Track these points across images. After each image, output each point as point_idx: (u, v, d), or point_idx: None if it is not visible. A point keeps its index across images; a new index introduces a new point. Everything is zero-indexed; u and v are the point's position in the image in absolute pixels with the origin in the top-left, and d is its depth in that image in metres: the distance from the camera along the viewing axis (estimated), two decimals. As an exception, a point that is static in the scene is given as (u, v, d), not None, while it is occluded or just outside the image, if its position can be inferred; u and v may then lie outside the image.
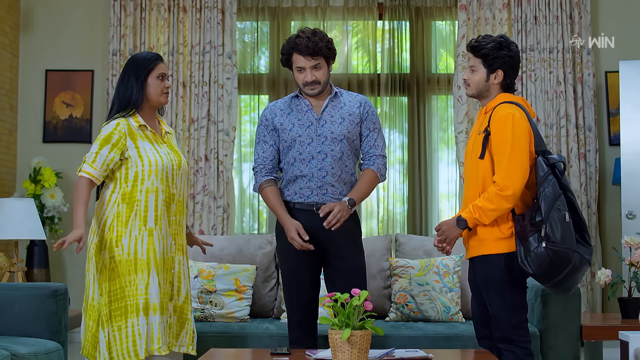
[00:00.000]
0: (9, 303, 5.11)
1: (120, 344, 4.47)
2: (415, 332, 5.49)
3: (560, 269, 4.34)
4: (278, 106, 5.07)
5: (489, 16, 7.88)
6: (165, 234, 4.65)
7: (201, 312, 5.77)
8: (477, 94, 4.66)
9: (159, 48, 7.88)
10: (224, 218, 7.76)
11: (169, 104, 7.78)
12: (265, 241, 6.18)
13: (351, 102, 5.03)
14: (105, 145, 4.56)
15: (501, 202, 4.39)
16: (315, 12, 8.15)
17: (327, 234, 4.87)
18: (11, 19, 7.87)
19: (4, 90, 7.73)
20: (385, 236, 6.26)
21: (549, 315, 5.40)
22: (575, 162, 7.73)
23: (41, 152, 7.83)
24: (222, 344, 5.44)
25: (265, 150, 5.02)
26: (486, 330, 4.69)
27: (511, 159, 4.39)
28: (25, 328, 5.08)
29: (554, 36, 7.81)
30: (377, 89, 8.09)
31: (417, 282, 5.80)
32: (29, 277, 7.45)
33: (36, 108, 8.01)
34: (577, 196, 7.67)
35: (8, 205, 6.38)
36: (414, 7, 8.10)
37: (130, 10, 7.92)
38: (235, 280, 5.86)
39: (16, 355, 4.52)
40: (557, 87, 7.80)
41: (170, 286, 4.66)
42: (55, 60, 8.04)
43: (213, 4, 7.89)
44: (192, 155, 7.79)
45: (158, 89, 4.73)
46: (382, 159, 5.03)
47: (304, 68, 4.90)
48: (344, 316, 3.96)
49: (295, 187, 4.94)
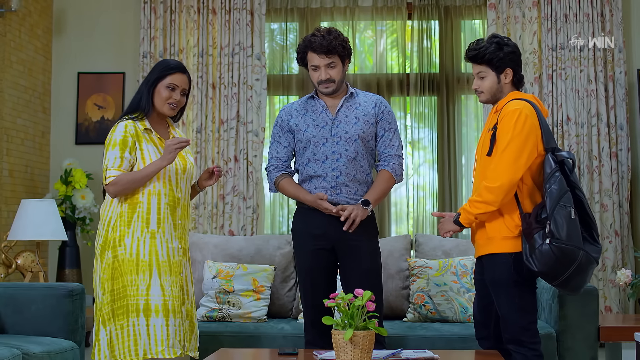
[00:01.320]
0: (26, 303, 5.19)
1: (122, 342, 4.49)
2: (431, 333, 5.47)
3: (565, 267, 4.27)
4: (294, 107, 5.09)
5: (518, 14, 7.82)
6: (169, 238, 4.66)
7: (219, 312, 5.80)
8: (491, 98, 4.62)
9: (189, 50, 7.94)
10: (253, 218, 7.78)
11: (198, 105, 7.83)
12: (284, 241, 6.19)
13: (366, 102, 5.03)
14: (126, 149, 4.60)
15: (486, 194, 4.37)
16: (344, 13, 8.15)
17: (343, 235, 4.87)
18: (44, 23, 7.98)
19: (37, 93, 7.84)
20: (405, 236, 6.24)
21: (566, 316, 5.35)
22: (607, 161, 7.63)
23: (73, 154, 7.91)
24: (236, 344, 5.46)
25: (279, 152, 5.05)
26: (486, 330, 4.66)
27: (504, 153, 4.36)
28: (42, 327, 5.15)
29: (584, 34, 7.72)
30: (407, 89, 8.07)
31: (435, 282, 5.77)
32: (60, 277, 7.55)
33: (68, 110, 8.11)
34: (609, 196, 7.58)
35: (30, 206, 6.46)
36: (443, 6, 8.06)
37: (160, 13, 7.98)
38: (253, 280, 5.88)
39: (28, 355, 4.58)
40: (588, 86, 7.71)
41: (180, 290, 4.66)
42: (87, 63, 8.13)
43: (242, 5, 7.92)
44: (221, 156, 7.83)
45: (163, 98, 4.73)
46: (398, 159, 5.02)
47: (319, 66, 4.92)
48: (347, 316, 3.96)
49: (310, 187, 4.96)
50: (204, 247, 6.18)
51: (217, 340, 5.40)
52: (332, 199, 4.90)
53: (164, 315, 4.51)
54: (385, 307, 5.76)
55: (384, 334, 4.08)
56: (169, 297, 4.55)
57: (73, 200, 7.57)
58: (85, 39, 8.17)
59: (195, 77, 7.88)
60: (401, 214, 8.07)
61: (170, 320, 4.53)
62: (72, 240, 7.61)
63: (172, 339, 4.52)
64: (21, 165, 7.52)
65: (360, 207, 4.83)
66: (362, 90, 5.22)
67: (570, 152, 4.79)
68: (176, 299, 4.59)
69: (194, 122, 7.85)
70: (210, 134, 7.86)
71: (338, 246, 4.92)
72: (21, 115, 7.52)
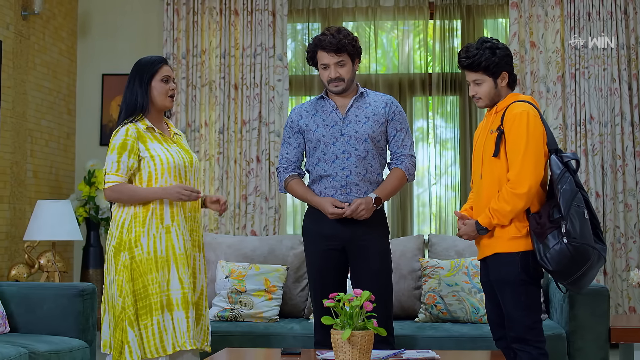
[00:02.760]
0: (38, 302, 5.27)
1: (148, 342, 4.53)
2: (440, 333, 5.45)
3: (579, 266, 4.29)
4: (304, 108, 5.11)
5: (541, 13, 7.77)
6: (183, 230, 4.69)
7: (230, 312, 5.83)
8: (490, 103, 4.60)
9: (211, 51, 7.99)
10: (275, 219, 7.81)
11: (221, 106, 7.88)
12: (297, 242, 6.20)
13: (377, 102, 5.02)
14: (124, 153, 4.63)
15: (516, 202, 4.34)
16: (365, 13, 8.15)
17: (353, 235, 4.88)
18: (68, 26, 8.07)
19: (62, 95, 7.94)
20: (417, 236, 6.22)
21: (577, 317, 5.31)
22: (631, 161, 7.56)
23: (98, 155, 7.99)
24: (246, 343, 5.48)
25: (289, 152, 5.07)
26: (503, 330, 4.63)
27: (525, 157, 4.34)
28: (54, 327, 5.23)
29: (607, 32, 7.65)
30: (429, 88, 8.05)
31: (446, 282, 5.75)
32: (84, 277, 7.64)
33: (93, 111, 8.20)
34: (632, 195, 7.52)
35: (45, 207, 6.54)
36: (465, 5, 8.04)
37: (183, 14, 8.04)
38: (265, 280, 5.90)
39: (35, 353, 4.64)
40: (611, 84, 7.64)
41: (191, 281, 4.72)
42: (111, 65, 8.21)
43: (264, 6, 7.95)
44: (243, 156, 7.87)
45: (162, 91, 4.76)
46: (411, 159, 5.02)
47: (328, 65, 4.93)
48: (346, 316, 3.97)
49: (320, 187, 4.96)
50: (217, 247, 6.21)
51: (226, 340, 5.42)
52: (342, 198, 4.90)
53: (184, 309, 4.56)
54: (397, 307, 5.76)
55: (383, 333, 4.07)
56: (188, 290, 4.60)
57: (96, 200, 7.65)
58: (110, 41, 8.26)
59: (218, 78, 7.93)
60: (424, 215, 8.06)
61: (190, 312, 4.58)
62: (96, 241, 7.71)
63: (192, 331, 4.58)
64: (45, 167, 7.62)
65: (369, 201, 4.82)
66: (373, 91, 5.22)
67: (574, 153, 4.76)
68: (190, 289, 4.64)
69: (217, 123, 7.90)
70: (232, 134, 7.90)
71: (348, 246, 4.92)
72: (45, 117, 7.61)
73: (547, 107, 7.67)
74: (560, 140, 7.58)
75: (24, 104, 7.25)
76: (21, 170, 7.19)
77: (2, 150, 6.91)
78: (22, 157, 7.21)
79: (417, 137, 8.10)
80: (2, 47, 6.86)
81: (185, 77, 7.98)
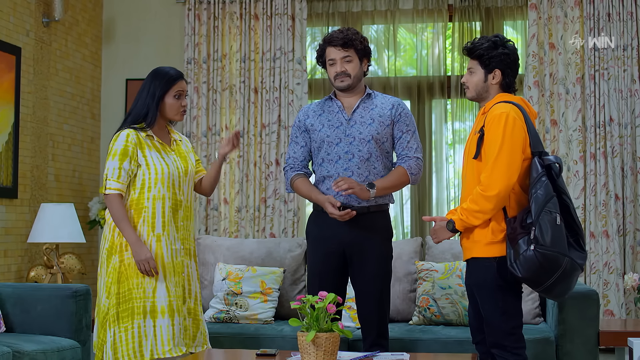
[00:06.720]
0: (32, 303, 5.40)
1: (126, 345, 4.60)
2: (428, 336, 5.45)
3: (549, 274, 4.19)
4: (311, 108, 5.14)
5: (560, 14, 7.69)
6: (173, 240, 4.77)
7: (226, 314, 5.88)
8: (476, 96, 4.57)
9: (232, 55, 8.07)
10: (294, 222, 7.85)
11: (241, 110, 7.96)
12: (295, 244, 6.25)
13: (383, 104, 5.02)
14: (125, 159, 4.71)
15: (484, 203, 4.29)
16: (385, 16, 8.15)
17: (355, 239, 4.89)
18: (92, 32, 8.22)
19: (85, 100, 8.09)
20: (415, 239, 6.22)
21: (565, 321, 5.26)
22: (652, 163, 7.46)
23: (122, 159, 8.10)
24: (236, 345, 5.54)
25: (296, 151, 5.10)
26: (482, 334, 4.61)
27: (498, 159, 4.28)
28: (47, 327, 5.35)
29: (627, 33, 7.55)
30: (447, 91, 8.02)
31: (440, 285, 5.74)
32: (95, 280, 7.80)
33: (117, 116, 8.30)
34: (652, 199, 7.42)
35: (48, 210, 6.67)
36: (484, 7, 7.99)
37: (204, 20, 8.13)
38: (262, 282, 5.94)
39: (19, 352, 4.75)
40: (631, 86, 7.53)
41: (182, 289, 4.78)
42: (135, 70, 8.32)
43: (283, 10, 8.00)
44: (263, 159, 7.93)
45: (174, 108, 4.84)
46: (416, 161, 4.99)
47: (335, 60, 4.95)
48: (312, 318, 4.00)
49: (323, 188, 4.98)
50: (216, 249, 6.28)
51: (217, 342, 5.48)
52: (344, 200, 4.89)
53: (170, 316, 4.63)
54: (393, 310, 5.76)
55: (349, 335, 4.09)
56: (173, 298, 4.68)
57: (117, 203, 7.75)
58: (133, 47, 8.38)
59: (238, 82, 8.01)
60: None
61: (176, 320, 4.65)
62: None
63: (177, 338, 4.64)
64: (68, 170, 7.76)
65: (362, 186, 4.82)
66: (382, 93, 5.21)
67: (557, 156, 4.70)
68: (179, 298, 4.71)
69: (237, 126, 7.97)
70: (252, 137, 7.97)
71: (348, 250, 4.93)
72: (68, 122, 7.76)
73: (567, 109, 7.59)
74: (579, 143, 7.50)
75: (45, 109, 7.40)
76: (42, 173, 7.34)
77: (22, 155, 7.05)
78: (43, 161, 7.36)
79: (447, 137, 8.07)
80: (21, 54, 7.01)
81: (206, 82, 8.08)
